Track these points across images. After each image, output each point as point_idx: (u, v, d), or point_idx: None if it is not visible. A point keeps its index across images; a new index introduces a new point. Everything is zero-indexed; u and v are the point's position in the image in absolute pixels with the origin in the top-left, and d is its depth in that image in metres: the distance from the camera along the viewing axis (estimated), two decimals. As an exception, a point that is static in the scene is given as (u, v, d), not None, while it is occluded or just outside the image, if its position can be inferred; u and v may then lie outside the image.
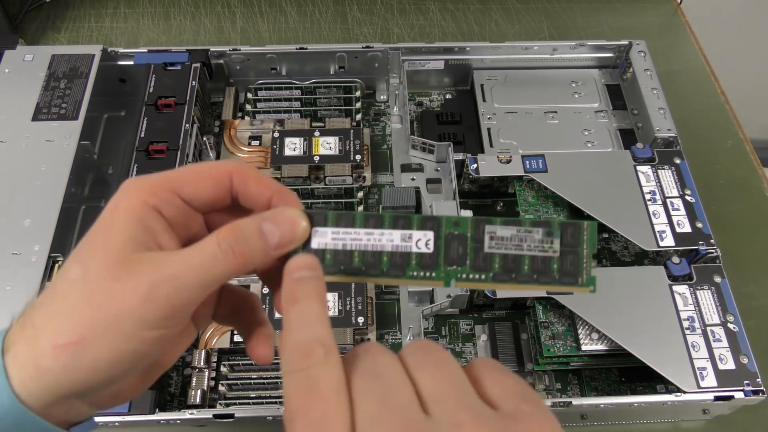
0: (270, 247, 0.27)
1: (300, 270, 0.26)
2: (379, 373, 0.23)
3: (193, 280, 0.25)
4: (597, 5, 0.89)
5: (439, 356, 0.25)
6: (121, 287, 0.25)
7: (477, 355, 0.58)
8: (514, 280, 0.27)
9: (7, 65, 0.65)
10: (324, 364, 0.23)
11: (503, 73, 0.72)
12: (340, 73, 0.72)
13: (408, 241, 0.28)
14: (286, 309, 0.25)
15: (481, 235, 0.28)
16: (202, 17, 0.85)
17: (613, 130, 0.68)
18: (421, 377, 0.24)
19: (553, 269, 0.27)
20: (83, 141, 0.61)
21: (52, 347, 0.24)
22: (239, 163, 0.29)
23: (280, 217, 0.27)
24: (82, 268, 0.25)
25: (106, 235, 0.26)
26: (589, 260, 0.27)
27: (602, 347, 0.53)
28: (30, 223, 0.55)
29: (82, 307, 0.25)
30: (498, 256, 0.27)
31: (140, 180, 0.27)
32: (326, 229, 0.28)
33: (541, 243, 0.27)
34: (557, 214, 0.61)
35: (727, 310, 0.53)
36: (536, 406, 0.23)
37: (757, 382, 0.50)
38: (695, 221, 0.57)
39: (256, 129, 0.68)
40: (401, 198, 0.62)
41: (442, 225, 0.28)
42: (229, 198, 0.29)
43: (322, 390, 0.22)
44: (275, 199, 0.28)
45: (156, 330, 0.25)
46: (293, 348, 0.24)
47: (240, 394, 0.55)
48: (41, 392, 0.25)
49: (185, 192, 0.27)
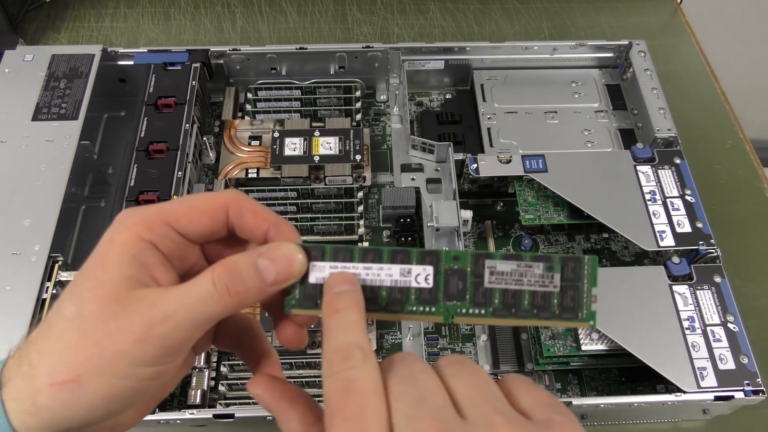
0: (266, 284, 0.27)
1: (339, 285, 0.26)
2: (415, 378, 0.24)
3: (188, 320, 0.25)
4: (597, 5, 0.89)
5: (473, 368, 0.25)
6: (116, 326, 0.25)
7: (477, 356, 0.58)
8: (514, 315, 0.27)
9: (7, 65, 0.65)
10: (362, 366, 0.23)
11: (503, 73, 0.72)
12: (340, 73, 0.72)
13: (407, 275, 0.28)
14: (326, 319, 0.26)
15: (481, 270, 0.27)
16: (202, 17, 0.85)
17: (613, 130, 0.68)
18: (456, 385, 0.24)
19: (553, 304, 0.27)
20: (83, 141, 0.61)
21: (49, 385, 0.25)
22: (235, 193, 0.28)
23: (276, 253, 0.27)
24: (77, 305, 0.25)
25: (101, 271, 0.26)
26: (590, 295, 0.27)
27: (602, 347, 0.53)
28: (30, 223, 0.55)
29: (78, 346, 0.25)
30: (498, 291, 0.27)
31: (135, 213, 0.27)
32: (324, 264, 0.28)
33: (542, 278, 0.27)
34: (557, 214, 0.61)
35: (727, 310, 0.53)
36: (568, 416, 0.24)
37: (757, 382, 0.50)
38: (695, 221, 0.57)
39: (256, 129, 0.68)
40: (401, 198, 0.62)
41: (441, 259, 0.27)
42: (225, 230, 0.29)
43: (360, 389, 0.23)
44: (272, 232, 0.28)
45: (153, 367, 0.25)
46: (333, 352, 0.24)
47: (240, 394, 0.55)
48: (38, 427, 0.25)
49: (181, 225, 0.27)
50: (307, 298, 0.28)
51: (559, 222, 0.60)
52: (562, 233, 0.65)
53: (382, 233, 0.65)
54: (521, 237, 0.64)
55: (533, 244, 0.64)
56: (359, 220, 0.62)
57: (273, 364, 0.31)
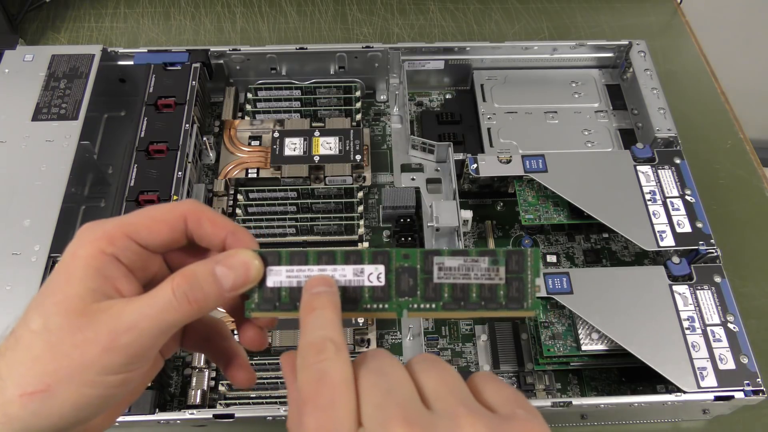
0: (224, 290, 0.28)
1: (317, 286, 0.28)
2: (385, 371, 0.25)
3: (150, 329, 0.26)
4: (597, 5, 0.89)
5: (443, 365, 0.26)
6: (82, 338, 0.26)
7: (477, 356, 0.58)
8: (463, 308, 0.28)
9: (7, 65, 0.65)
10: (335, 358, 0.25)
11: (503, 73, 0.72)
12: (340, 73, 0.72)
13: (360, 275, 0.29)
14: (303, 317, 0.27)
15: (430, 267, 0.29)
16: (202, 17, 0.85)
17: (613, 130, 0.68)
18: (425, 381, 0.25)
19: (499, 296, 0.28)
20: (83, 141, 0.61)
21: (19, 395, 0.25)
22: (193, 203, 0.29)
23: (233, 260, 0.28)
24: (43, 318, 0.26)
25: (66, 285, 0.27)
26: (533, 285, 0.28)
27: (602, 347, 0.53)
28: (30, 223, 0.55)
29: (46, 357, 0.25)
30: (447, 286, 0.28)
31: (96, 228, 0.28)
32: (280, 268, 0.29)
33: (488, 271, 0.28)
34: (557, 214, 0.61)
35: (727, 310, 0.53)
36: (532, 412, 0.25)
37: (757, 382, 0.50)
38: (695, 221, 0.57)
39: (256, 129, 0.68)
40: (401, 198, 0.62)
41: (392, 258, 0.29)
42: (184, 239, 0.29)
43: (332, 380, 0.24)
44: (229, 239, 0.29)
45: (119, 374, 0.26)
46: (307, 346, 0.25)
47: (240, 394, 0.55)
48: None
49: (141, 237, 0.28)
50: (265, 301, 0.29)
51: (559, 222, 0.60)
52: (562, 233, 0.65)
53: (382, 233, 0.65)
54: (521, 237, 0.64)
55: (533, 244, 0.64)
56: (359, 220, 0.62)
57: (241, 363, 0.32)
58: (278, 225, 0.61)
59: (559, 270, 0.56)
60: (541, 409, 0.49)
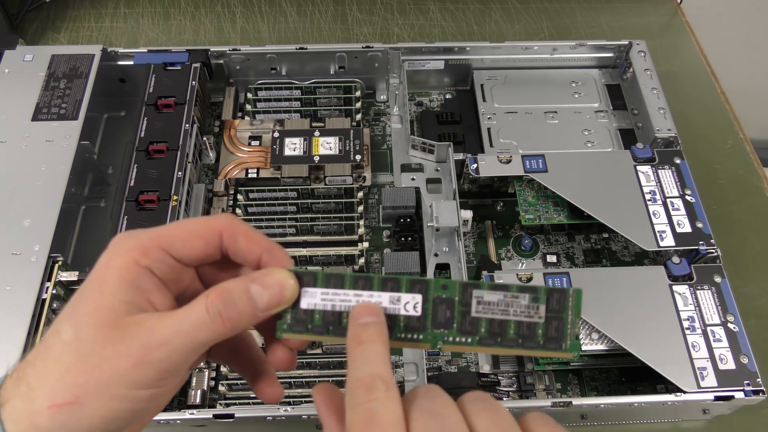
0: (258, 310, 0.27)
1: (364, 316, 0.27)
2: (438, 412, 0.24)
3: (183, 345, 0.26)
4: (597, 5, 0.89)
5: (496, 406, 0.25)
6: (114, 351, 0.25)
7: (478, 356, 0.58)
8: (500, 344, 0.28)
9: (7, 65, 0.65)
10: (384, 398, 0.24)
11: (503, 73, 0.72)
12: (340, 73, 0.72)
13: (396, 303, 0.28)
14: (350, 350, 0.26)
15: (468, 299, 0.28)
16: (202, 17, 0.85)
17: (613, 130, 0.68)
18: (478, 422, 0.24)
19: (538, 335, 0.28)
20: (83, 141, 0.61)
21: (48, 407, 0.25)
22: (229, 218, 0.29)
23: (268, 279, 0.27)
24: (75, 329, 0.26)
25: (99, 296, 0.26)
26: (574, 326, 0.28)
27: (602, 347, 0.53)
28: (30, 223, 0.55)
29: (77, 369, 0.25)
30: (484, 321, 0.28)
31: (130, 238, 0.27)
32: (316, 290, 0.28)
33: (528, 309, 0.28)
34: (557, 214, 0.61)
35: (727, 310, 0.53)
36: None
37: (757, 382, 0.50)
38: (695, 221, 0.57)
39: (256, 129, 0.68)
40: (401, 198, 0.62)
41: (430, 288, 0.28)
42: (219, 254, 0.29)
43: (382, 421, 0.23)
44: (265, 257, 0.29)
45: (150, 389, 0.26)
46: (356, 382, 0.25)
47: (240, 394, 0.55)
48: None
49: (176, 250, 0.28)
50: (298, 322, 0.28)
51: (559, 222, 0.60)
52: (562, 233, 0.65)
53: (382, 233, 0.65)
54: (521, 237, 0.64)
55: (533, 244, 0.64)
56: (359, 220, 0.62)
57: (270, 377, 0.32)
58: (278, 225, 0.61)
59: (559, 270, 0.56)
60: (541, 410, 0.49)
